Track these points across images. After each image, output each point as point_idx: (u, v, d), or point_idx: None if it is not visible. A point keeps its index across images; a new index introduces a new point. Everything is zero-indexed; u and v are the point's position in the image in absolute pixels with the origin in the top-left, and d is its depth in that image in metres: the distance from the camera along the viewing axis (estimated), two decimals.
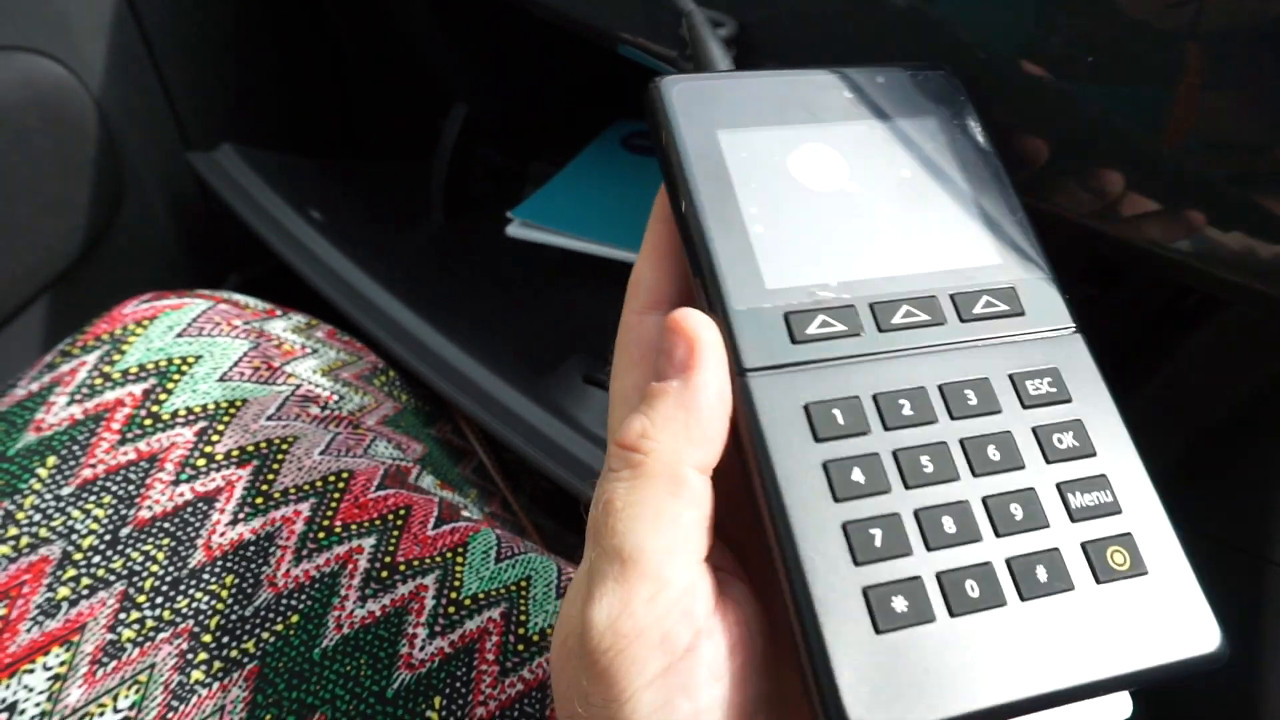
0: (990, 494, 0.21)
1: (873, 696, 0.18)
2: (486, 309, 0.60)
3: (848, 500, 0.20)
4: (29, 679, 0.32)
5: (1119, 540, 0.21)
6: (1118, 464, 0.22)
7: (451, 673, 0.33)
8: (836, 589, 0.19)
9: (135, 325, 0.42)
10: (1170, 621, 0.21)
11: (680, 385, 0.21)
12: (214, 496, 0.37)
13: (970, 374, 0.23)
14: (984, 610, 0.20)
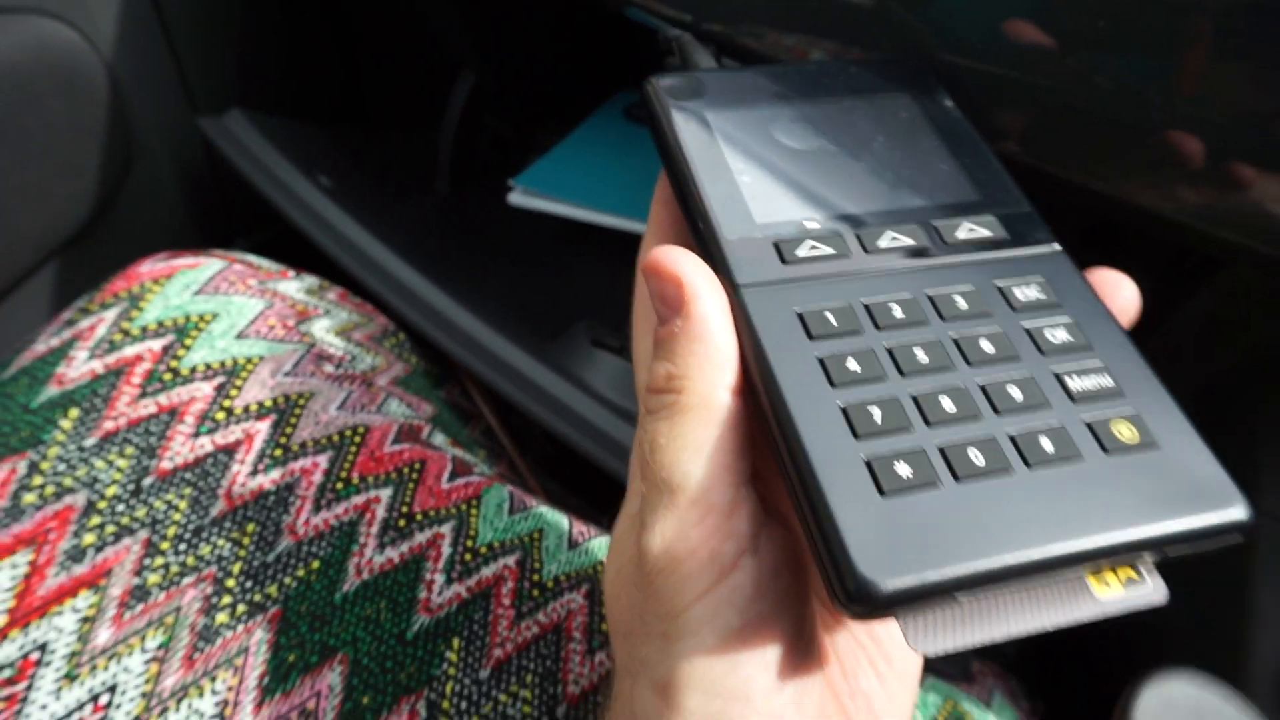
0: (988, 381, 0.22)
1: (882, 555, 0.19)
2: (493, 275, 0.61)
3: (845, 386, 0.21)
4: (59, 620, 0.33)
5: (1125, 418, 0.21)
6: (1116, 355, 0.23)
7: (469, 616, 0.34)
8: (839, 460, 0.20)
9: (152, 283, 0.43)
10: (1190, 489, 0.20)
11: (683, 320, 0.22)
12: (234, 448, 0.38)
13: (957, 283, 0.23)
14: (990, 476, 0.20)
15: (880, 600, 0.19)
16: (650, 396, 0.23)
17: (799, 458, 0.20)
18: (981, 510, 0.20)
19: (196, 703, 0.32)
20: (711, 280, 0.22)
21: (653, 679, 0.22)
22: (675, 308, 0.22)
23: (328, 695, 0.32)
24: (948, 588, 0.19)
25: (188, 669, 0.32)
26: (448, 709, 0.32)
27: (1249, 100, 0.27)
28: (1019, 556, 0.19)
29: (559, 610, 0.35)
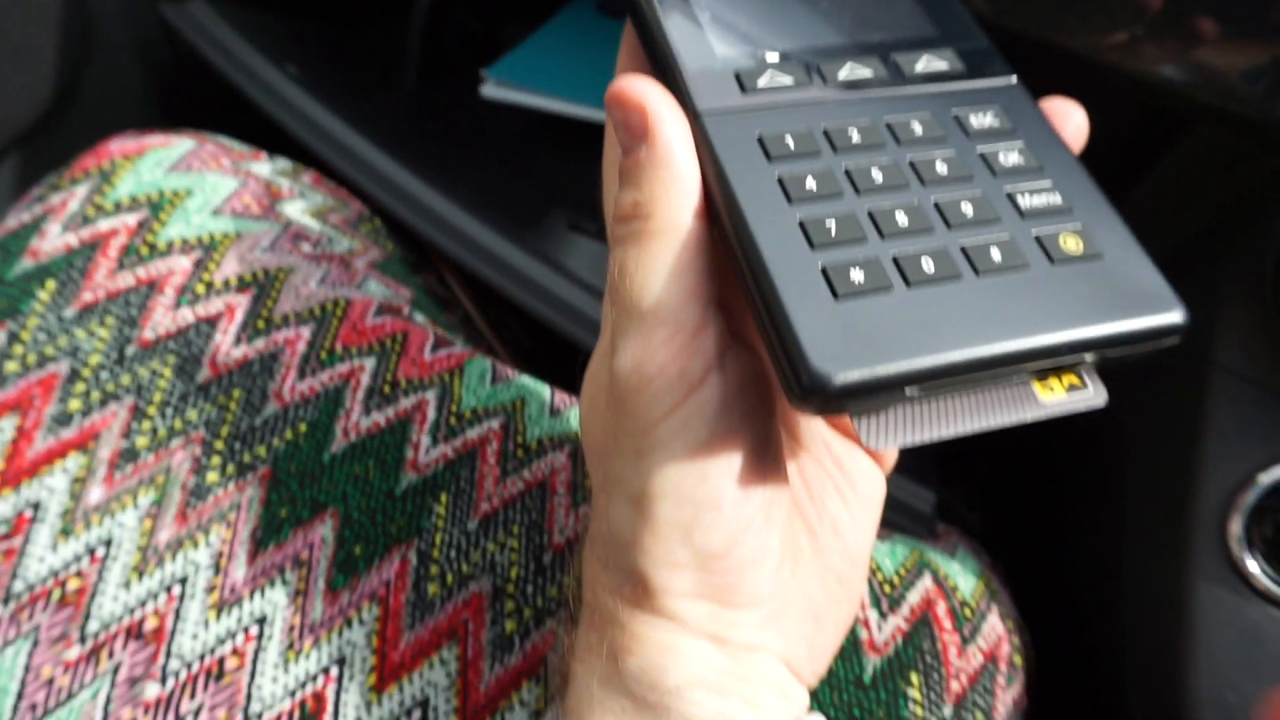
0: (941, 199, 0.22)
1: (835, 351, 0.20)
2: (468, 166, 0.60)
3: (802, 202, 0.22)
4: (50, 481, 0.33)
5: (1071, 231, 0.22)
6: (1065, 177, 0.23)
7: (456, 474, 0.35)
8: (795, 268, 0.21)
9: (123, 160, 0.42)
10: (1130, 295, 0.21)
11: (648, 148, 0.22)
12: (215, 319, 0.38)
13: (914, 113, 0.24)
14: (940, 283, 0.21)
15: (832, 392, 0.20)
16: (617, 225, 0.23)
17: (757, 268, 0.21)
18: (931, 312, 0.21)
19: (192, 554, 0.33)
20: (674, 107, 0.23)
21: (627, 493, 0.23)
22: (639, 136, 0.23)
23: (320, 546, 0.33)
24: (897, 381, 0.20)
25: (181, 524, 0.33)
26: (437, 557, 0.34)
27: None
28: (966, 353, 0.20)
29: (543, 468, 0.36)
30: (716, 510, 0.22)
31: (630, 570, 0.23)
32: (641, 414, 0.22)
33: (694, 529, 0.22)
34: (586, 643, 0.25)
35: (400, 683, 0.31)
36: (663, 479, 0.22)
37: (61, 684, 0.30)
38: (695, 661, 0.23)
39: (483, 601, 0.33)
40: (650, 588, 0.23)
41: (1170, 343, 0.22)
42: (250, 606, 0.32)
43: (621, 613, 0.24)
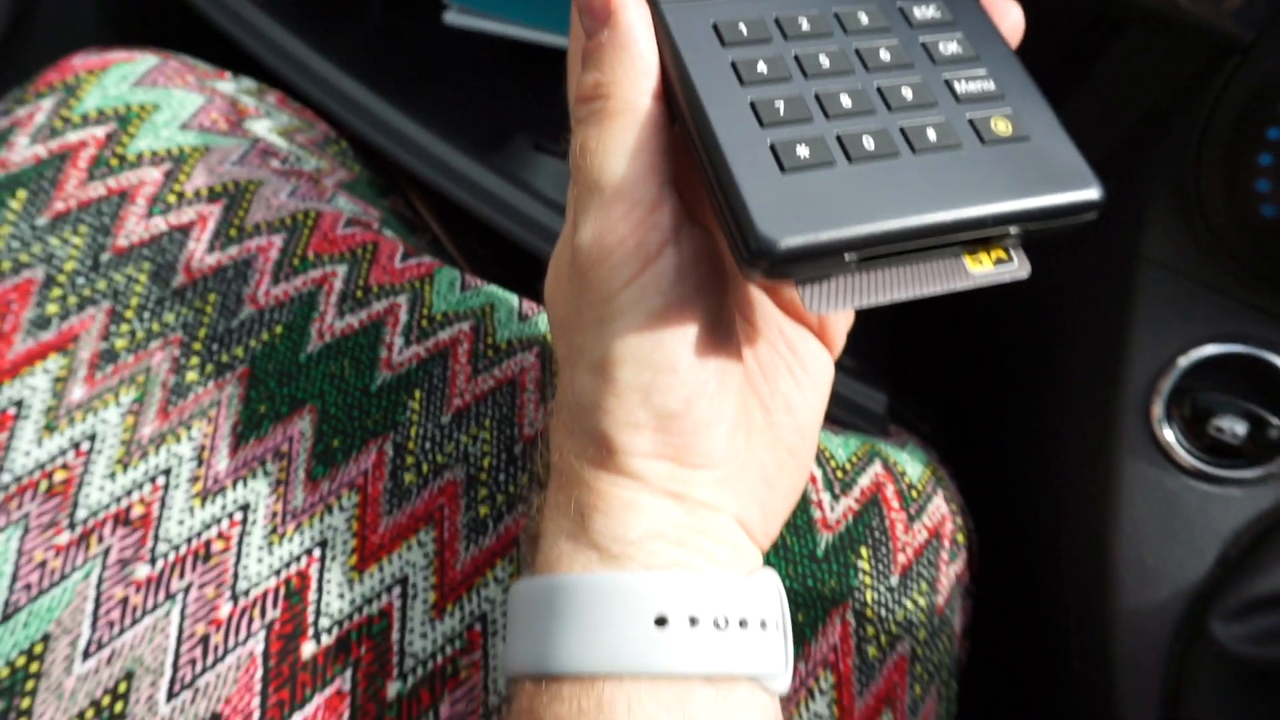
0: (883, 82, 0.24)
1: (781, 219, 0.22)
2: (433, 91, 0.61)
3: (754, 85, 0.23)
4: (31, 380, 0.34)
5: (1002, 115, 0.24)
6: (1000, 66, 0.25)
7: (429, 372, 0.37)
8: (746, 144, 0.22)
9: (87, 74, 0.42)
10: (1053, 174, 0.23)
11: (610, 31, 0.24)
12: (188, 228, 0.39)
13: (862, 3, 0.25)
14: (880, 159, 0.23)
15: (778, 256, 0.21)
16: (579, 105, 0.25)
17: (710, 144, 0.23)
18: (870, 186, 0.23)
19: (175, 448, 0.34)
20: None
21: (590, 360, 0.25)
22: (602, 20, 0.24)
23: (299, 440, 0.35)
24: (837, 247, 0.22)
25: (163, 420, 0.34)
26: (412, 449, 0.35)
27: None
28: (900, 222, 0.22)
29: (513, 367, 0.38)
30: (672, 373, 0.24)
31: (594, 432, 0.25)
32: (602, 285, 0.24)
33: (652, 391, 0.24)
34: (555, 503, 0.27)
35: (380, 562, 0.33)
36: (622, 345, 0.24)
37: (54, 566, 0.31)
38: (655, 516, 0.25)
39: (457, 489, 0.35)
40: (613, 448, 0.25)
41: (1088, 218, 0.24)
42: (233, 495, 0.33)
43: (587, 473, 0.26)
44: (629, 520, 0.25)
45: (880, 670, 0.34)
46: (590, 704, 0.24)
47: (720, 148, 0.22)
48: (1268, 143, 0.31)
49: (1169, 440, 0.35)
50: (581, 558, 0.25)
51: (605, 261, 0.24)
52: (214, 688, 0.30)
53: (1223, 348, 0.35)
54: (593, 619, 0.24)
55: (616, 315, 0.24)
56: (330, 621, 0.32)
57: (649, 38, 0.24)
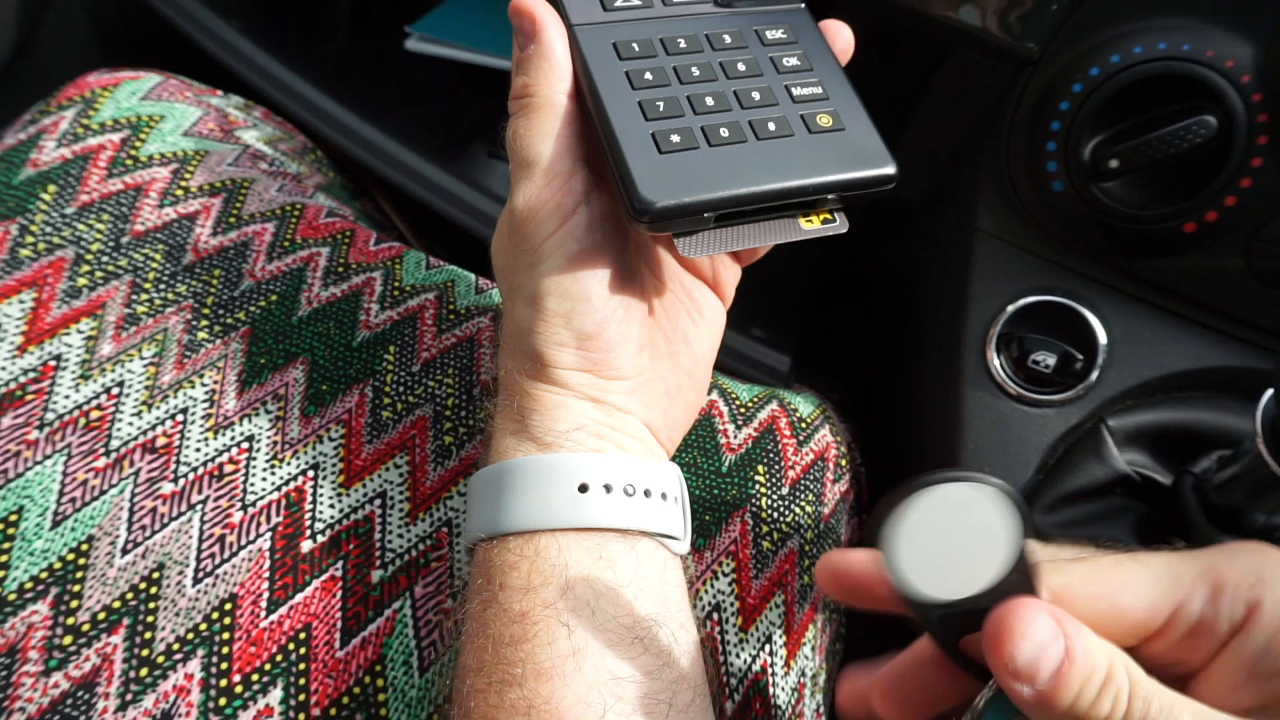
0: (739, 88, 0.32)
1: (657, 186, 0.30)
2: (397, 108, 0.69)
3: (641, 89, 0.32)
4: (67, 339, 0.41)
5: (826, 112, 0.33)
6: (829, 77, 0.33)
7: (401, 331, 0.45)
8: (633, 132, 0.31)
9: (101, 90, 0.50)
10: (861, 156, 0.32)
11: (535, 46, 0.32)
12: (194, 216, 0.46)
13: (727, 28, 0.34)
14: (731, 144, 0.31)
15: (655, 212, 0.30)
16: (511, 102, 0.33)
17: (608, 132, 0.31)
18: (725, 163, 0.31)
19: (190, 392, 0.41)
20: (555, 17, 0.32)
21: (525, 295, 0.33)
22: (530, 37, 0.32)
23: (294, 385, 0.42)
24: (699, 207, 0.30)
25: (180, 369, 0.42)
26: (389, 392, 0.43)
27: None
28: (746, 189, 0.31)
29: (471, 328, 0.46)
30: (587, 302, 0.32)
31: (530, 351, 0.33)
32: (532, 236, 0.32)
33: (572, 316, 0.32)
34: (502, 409, 0.35)
35: (363, 480, 0.40)
36: (548, 281, 0.32)
37: (94, 484, 0.38)
38: (579, 415, 0.33)
39: (426, 423, 0.42)
40: (544, 362, 0.33)
41: (888, 189, 0.33)
42: (240, 428, 0.41)
43: (525, 384, 0.34)
44: (559, 416, 0.33)
45: (773, 560, 0.42)
46: (530, 551, 0.31)
47: (615, 134, 0.31)
48: (1051, 132, 0.40)
49: (999, 373, 0.44)
50: (522, 448, 0.33)
51: (534, 219, 0.32)
52: (230, 575, 0.37)
53: (1038, 298, 0.44)
54: (531, 489, 0.32)
55: (544, 259, 0.32)
56: (324, 525, 0.39)
57: (564, 51, 0.32)
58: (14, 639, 0.35)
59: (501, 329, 0.36)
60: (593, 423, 0.33)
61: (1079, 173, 0.40)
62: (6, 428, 0.39)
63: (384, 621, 0.37)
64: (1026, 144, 0.42)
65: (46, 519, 0.37)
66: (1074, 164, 0.40)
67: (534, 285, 0.32)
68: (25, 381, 0.40)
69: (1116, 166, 0.39)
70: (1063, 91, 0.40)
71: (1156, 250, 0.41)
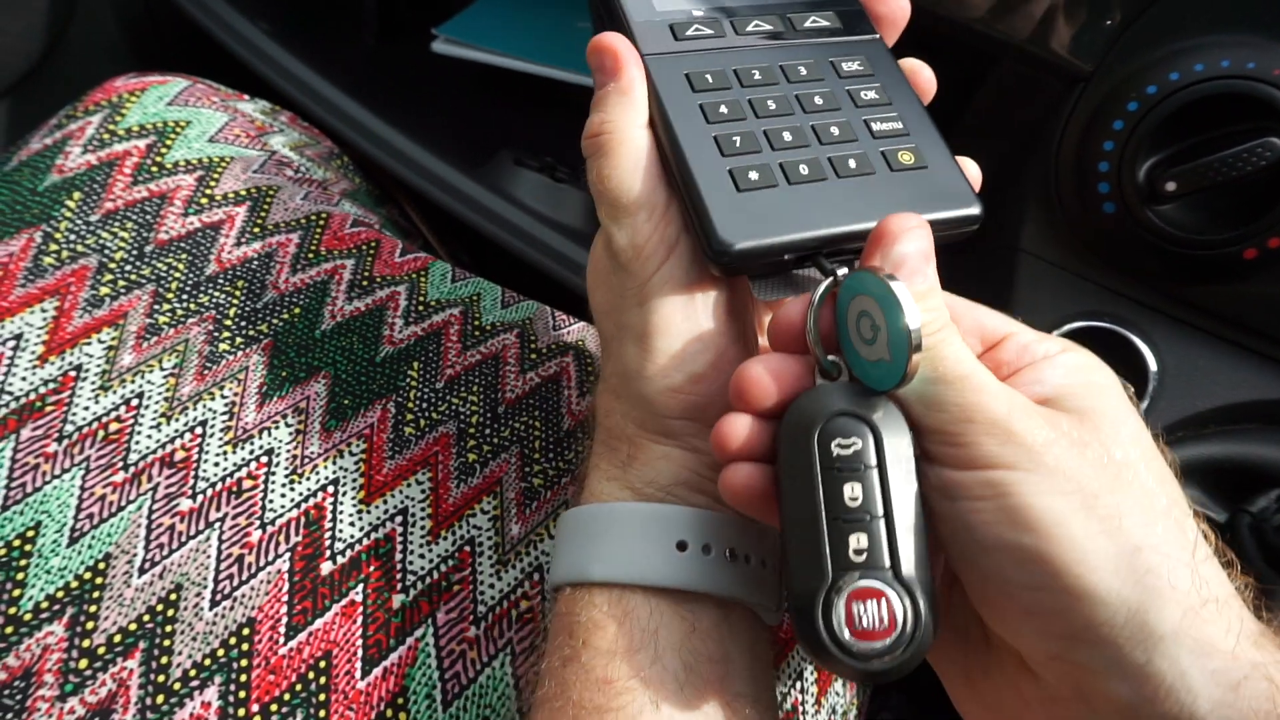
0: (816, 122, 0.31)
1: (736, 228, 0.28)
2: (423, 113, 0.68)
3: (717, 123, 0.30)
4: (88, 349, 0.41)
5: (908, 148, 0.31)
6: (908, 111, 0.32)
7: (425, 347, 0.44)
8: (710, 169, 0.29)
9: (129, 95, 0.49)
10: (945, 196, 0.30)
11: (615, 82, 0.31)
12: (218, 226, 0.45)
13: (802, 57, 0.33)
14: (811, 182, 0.30)
15: (734, 255, 0.28)
16: (588, 141, 0.31)
17: (684, 169, 0.30)
18: (805, 202, 0.29)
19: (210, 404, 0.40)
20: (636, 56, 0.31)
21: (634, 334, 0.31)
22: (611, 74, 0.31)
23: (315, 399, 0.41)
24: (779, 249, 0.29)
25: (200, 381, 0.41)
26: (412, 408, 0.42)
27: None
28: (828, 230, 0.29)
29: (496, 345, 0.45)
30: (699, 339, 0.30)
31: (637, 395, 0.31)
32: (639, 273, 0.30)
33: (684, 357, 0.30)
34: (600, 452, 0.33)
35: (384, 497, 0.39)
36: (658, 318, 0.30)
37: (111, 500, 0.38)
38: (683, 467, 0.31)
39: (450, 440, 0.41)
40: (652, 408, 0.31)
41: (972, 229, 0.31)
42: (260, 442, 0.40)
43: (630, 430, 0.32)
44: (661, 468, 0.31)
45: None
46: (619, 611, 0.29)
47: (691, 171, 0.30)
48: (1104, 152, 0.38)
49: None
50: (620, 495, 0.31)
51: (639, 256, 0.30)
52: (249, 598, 0.36)
53: (1085, 323, 0.43)
54: (625, 539, 0.30)
55: (652, 294, 0.30)
56: (344, 545, 0.38)
57: (643, 87, 0.31)
58: (29, 661, 0.34)
59: (603, 368, 0.34)
60: (696, 476, 0.31)
61: (1133, 194, 0.39)
62: (26, 440, 0.38)
63: (406, 651, 0.36)
64: (1076, 163, 0.40)
65: (64, 535, 0.37)
66: (1128, 185, 0.38)
67: (644, 323, 0.30)
68: (45, 392, 0.39)
69: (1174, 189, 0.38)
70: (1117, 109, 0.38)
71: (1214, 276, 0.39)
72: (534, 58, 0.72)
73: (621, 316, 0.32)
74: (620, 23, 0.32)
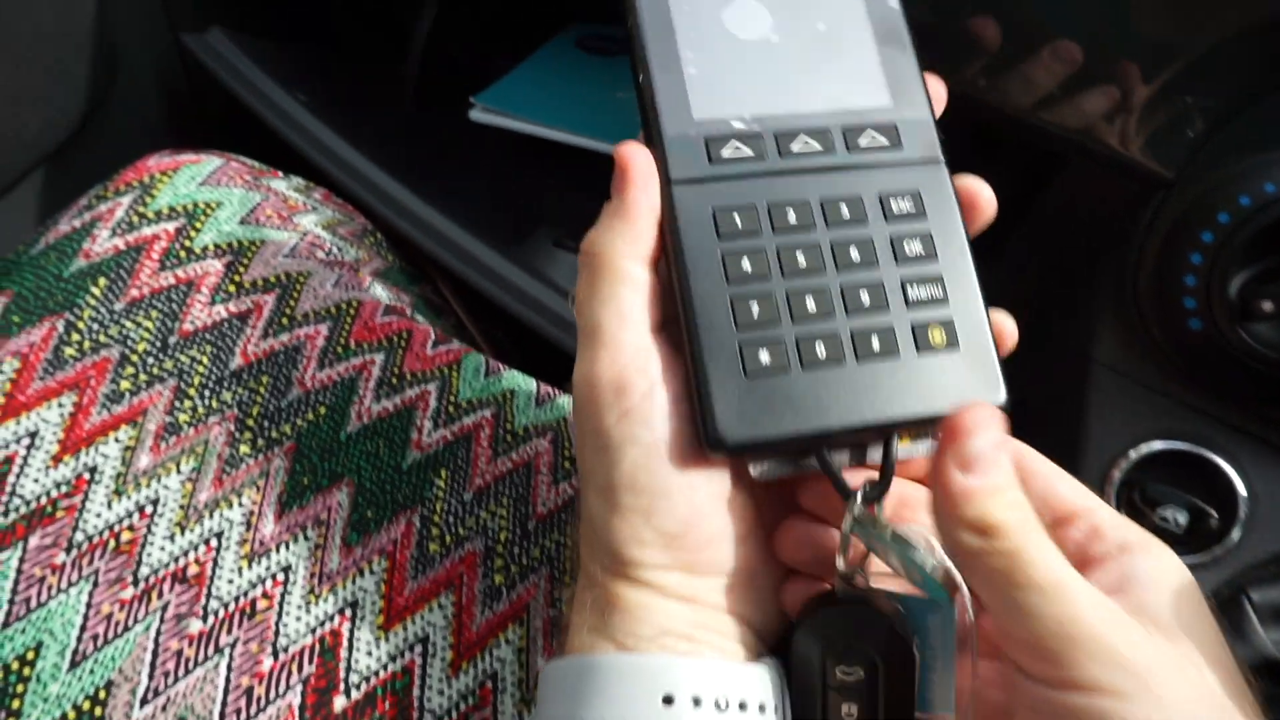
0: (847, 284, 0.28)
1: (737, 418, 0.26)
2: (459, 185, 0.66)
3: (737, 282, 0.27)
4: (104, 449, 0.39)
5: (942, 324, 0.28)
6: (953, 267, 0.29)
7: (454, 453, 0.41)
8: (720, 345, 0.27)
9: (161, 174, 0.48)
10: (970, 383, 0.27)
11: (618, 201, 0.28)
12: (245, 315, 0.43)
13: (847, 192, 0.29)
14: (827, 366, 0.27)
15: (729, 448, 0.26)
16: (580, 257, 0.29)
17: (692, 335, 0.27)
18: (816, 390, 0.27)
19: (227, 513, 0.38)
20: (652, 177, 0.28)
21: (596, 484, 0.28)
22: (618, 190, 0.28)
23: (337, 509, 0.39)
24: (780, 443, 0.27)
25: (218, 487, 0.39)
26: (438, 521, 0.39)
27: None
28: (836, 424, 0.27)
29: (528, 451, 0.42)
30: (667, 498, 0.27)
31: (608, 547, 0.28)
32: (595, 418, 0.27)
33: (652, 514, 0.27)
34: (580, 600, 0.30)
35: (405, 622, 0.37)
36: (619, 473, 0.27)
37: (118, 618, 0.35)
38: (668, 616, 0.28)
39: (476, 559, 0.39)
40: (625, 560, 0.28)
41: None
42: (277, 557, 0.37)
43: (605, 579, 0.29)
44: (643, 619, 0.28)
45: None
46: None
47: (698, 339, 0.27)
48: (1191, 265, 0.35)
49: None
50: (603, 647, 0.28)
51: (594, 398, 0.27)
52: None
53: (1168, 444, 0.39)
54: (610, 697, 0.27)
55: (611, 446, 0.27)
56: (359, 677, 0.35)
57: (649, 215, 0.28)
58: None
59: (578, 507, 0.31)
60: (684, 624, 0.28)
61: (1223, 312, 0.35)
62: (34, 549, 0.36)
63: None
64: (1158, 275, 0.37)
65: (65, 658, 0.34)
66: (1218, 302, 0.35)
67: (603, 475, 0.28)
68: (57, 496, 0.37)
69: (1270, 310, 0.35)
70: (1204, 220, 0.35)
71: None
72: (572, 128, 0.71)
73: (585, 458, 0.28)
74: (653, 129, 0.29)
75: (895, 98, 0.30)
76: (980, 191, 0.31)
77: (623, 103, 0.78)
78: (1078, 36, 0.36)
